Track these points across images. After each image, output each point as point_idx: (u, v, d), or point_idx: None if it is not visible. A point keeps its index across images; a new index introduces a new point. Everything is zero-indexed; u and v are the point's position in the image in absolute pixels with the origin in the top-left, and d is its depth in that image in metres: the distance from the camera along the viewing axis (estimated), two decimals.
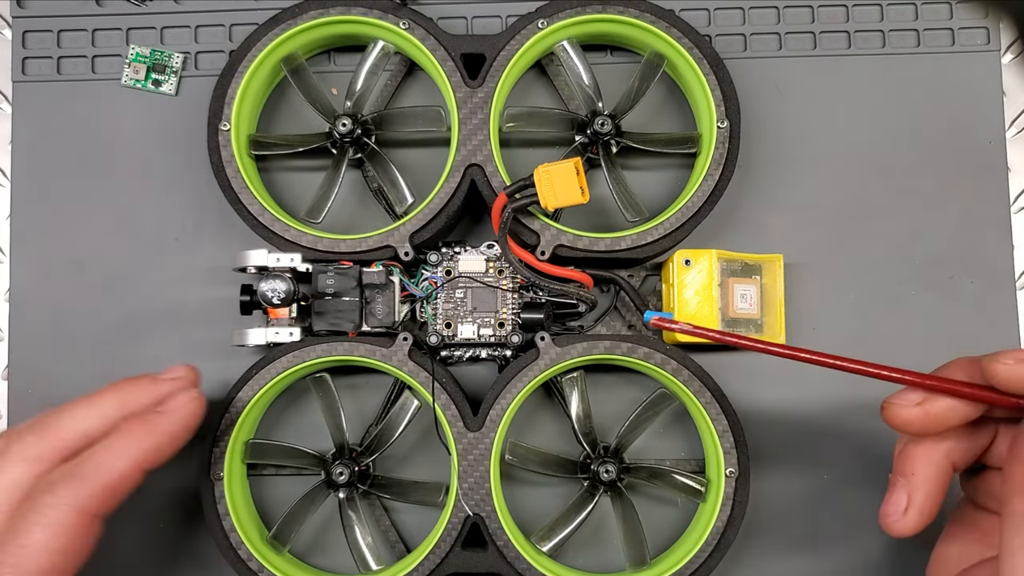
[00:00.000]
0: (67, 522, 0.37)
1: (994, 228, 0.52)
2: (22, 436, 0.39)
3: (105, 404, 0.41)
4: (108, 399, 0.41)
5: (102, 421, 0.40)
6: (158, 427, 0.40)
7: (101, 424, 0.40)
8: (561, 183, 0.44)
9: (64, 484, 0.37)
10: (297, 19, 0.49)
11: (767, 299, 0.48)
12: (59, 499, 0.37)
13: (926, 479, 0.36)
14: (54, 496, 0.37)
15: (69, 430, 0.40)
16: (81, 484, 0.38)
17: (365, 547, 0.48)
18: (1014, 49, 0.53)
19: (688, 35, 0.48)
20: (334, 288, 0.48)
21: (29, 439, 0.39)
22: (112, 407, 0.41)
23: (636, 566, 0.47)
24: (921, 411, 0.36)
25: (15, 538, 0.36)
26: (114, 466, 0.39)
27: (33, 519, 0.37)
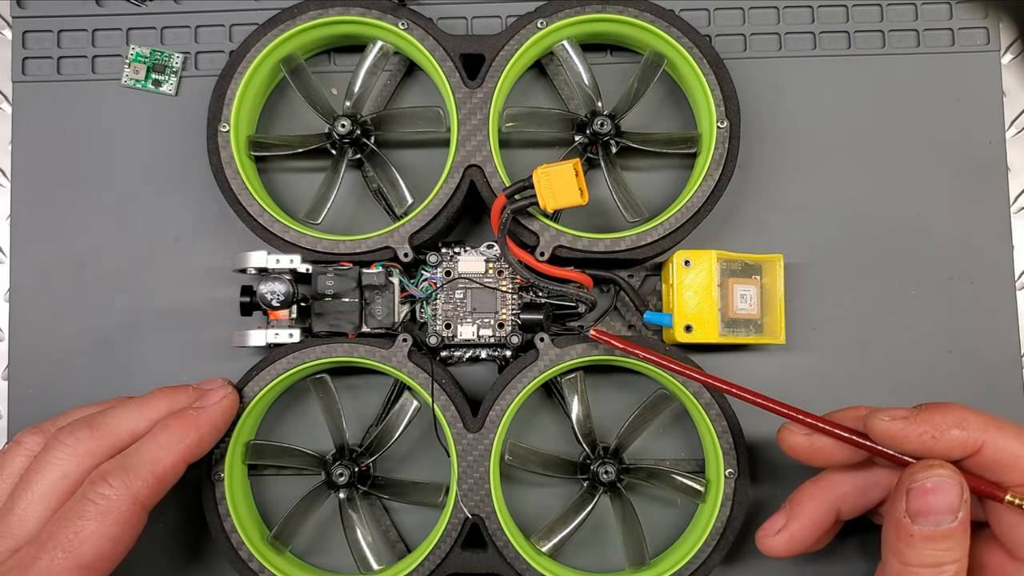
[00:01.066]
0: (121, 510, 0.39)
1: (994, 228, 0.52)
2: (75, 431, 0.41)
3: (152, 407, 0.44)
4: (155, 403, 0.44)
5: (148, 423, 0.43)
6: (199, 421, 0.43)
7: (147, 425, 0.43)
8: (560, 184, 0.44)
9: (117, 474, 0.40)
10: (296, 19, 0.49)
11: (767, 299, 0.48)
12: (113, 489, 0.40)
13: (806, 511, 0.41)
14: (108, 486, 0.40)
15: (119, 428, 0.42)
16: (133, 475, 0.40)
17: (366, 547, 0.48)
18: (1014, 49, 0.53)
19: (688, 35, 0.48)
20: (334, 289, 0.48)
21: (82, 434, 0.41)
22: (157, 411, 0.44)
23: (636, 566, 0.47)
24: (807, 441, 0.40)
25: (69, 525, 0.39)
26: (162, 459, 0.41)
27: (87, 507, 0.39)
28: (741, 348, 0.51)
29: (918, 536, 0.34)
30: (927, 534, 0.34)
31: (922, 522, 0.34)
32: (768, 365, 0.51)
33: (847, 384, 0.51)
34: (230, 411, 0.45)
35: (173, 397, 0.44)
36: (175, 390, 0.45)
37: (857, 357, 0.51)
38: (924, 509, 0.34)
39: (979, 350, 0.51)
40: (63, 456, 0.41)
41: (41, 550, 0.38)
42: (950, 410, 0.36)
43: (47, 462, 0.41)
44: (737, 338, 0.48)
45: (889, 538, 0.35)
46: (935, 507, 0.34)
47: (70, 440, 0.41)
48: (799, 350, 0.51)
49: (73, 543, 0.38)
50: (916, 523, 0.34)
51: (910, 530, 0.34)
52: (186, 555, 0.51)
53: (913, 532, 0.34)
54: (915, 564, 0.34)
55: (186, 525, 0.50)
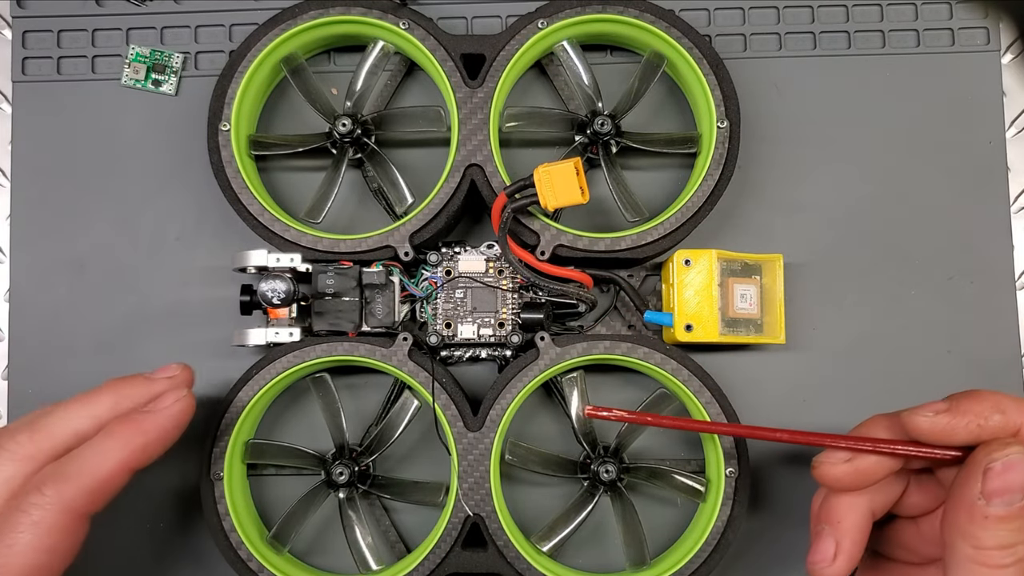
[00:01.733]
0: (54, 521, 0.37)
1: (994, 228, 0.52)
2: (14, 435, 0.39)
3: (98, 404, 0.41)
4: (101, 399, 0.41)
5: (94, 421, 0.40)
6: (144, 426, 0.40)
7: (93, 424, 0.40)
8: (561, 183, 0.44)
9: (50, 483, 0.37)
10: (297, 19, 0.49)
11: (767, 299, 0.48)
12: (46, 498, 0.37)
13: (852, 527, 0.39)
14: (41, 495, 0.37)
15: (61, 430, 0.40)
16: (67, 483, 0.38)
17: (365, 547, 0.48)
18: (1014, 49, 0.53)
19: (688, 35, 0.48)
20: (334, 288, 0.48)
21: (21, 438, 0.39)
22: (104, 407, 0.41)
23: (636, 566, 0.47)
24: (851, 467, 0.38)
25: (3, 537, 0.36)
26: (100, 466, 0.38)
27: (20, 518, 0.37)
28: (741, 348, 0.51)
29: (993, 518, 0.33)
30: (1002, 514, 0.33)
31: (998, 503, 0.33)
32: (768, 365, 0.51)
33: (847, 384, 0.51)
34: (183, 416, 0.41)
35: (120, 392, 0.41)
36: (123, 383, 0.42)
37: (857, 357, 0.51)
38: (1001, 488, 0.33)
39: (979, 350, 0.51)
40: (3, 461, 0.38)
41: None
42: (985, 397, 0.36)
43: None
44: (737, 338, 0.48)
45: (959, 523, 0.34)
46: (1011, 485, 0.33)
47: (10, 445, 0.39)
48: (799, 350, 0.51)
49: (6, 556, 0.36)
50: (992, 504, 0.33)
51: (985, 512, 0.33)
52: (185, 555, 0.50)
53: (988, 514, 0.33)
54: (990, 546, 0.33)
55: (185, 525, 0.50)
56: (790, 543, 0.50)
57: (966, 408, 0.36)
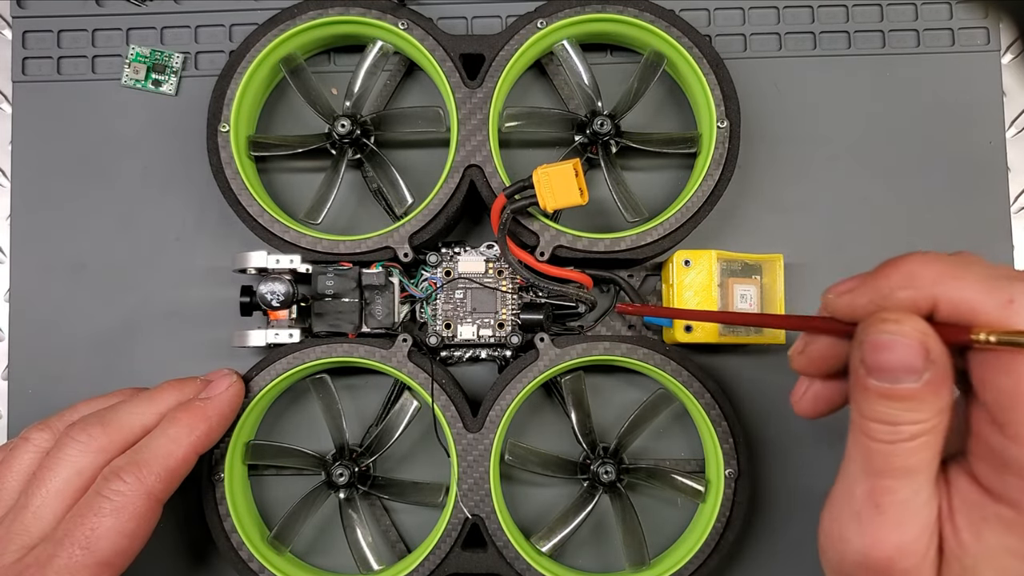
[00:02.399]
0: (136, 506, 0.40)
1: (994, 228, 0.52)
2: (86, 428, 0.42)
3: (161, 401, 0.44)
4: (164, 396, 0.44)
5: (158, 416, 0.43)
6: (207, 412, 0.44)
7: (157, 419, 0.43)
8: (560, 184, 0.44)
9: (131, 470, 0.40)
10: (296, 19, 0.49)
11: (767, 299, 0.48)
12: (127, 485, 0.40)
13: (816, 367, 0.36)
14: (122, 482, 0.40)
15: (132, 424, 0.43)
16: (146, 469, 0.41)
17: (365, 547, 0.48)
18: (1014, 49, 0.53)
19: (688, 35, 0.48)
20: (334, 289, 0.48)
21: (94, 431, 0.42)
22: (168, 404, 0.44)
23: (636, 566, 0.47)
24: (805, 356, 0.36)
25: (85, 522, 0.39)
26: (173, 452, 0.42)
27: (102, 504, 0.39)
28: (741, 348, 0.51)
29: (873, 391, 0.31)
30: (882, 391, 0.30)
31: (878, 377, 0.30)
32: (768, 365, 0.51)
33: None
34: (237, 399, 0.45)
35: (181, 389, 0.45)
36: (183, 383, 0.45)
37: None
38: (878, 366, 0.30)
39: None
40: (76, 452, 0.41)
41: (58, 547, 0.38)
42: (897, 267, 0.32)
43: (60, 459, 0.41)
44: (737, 338, 0.48)
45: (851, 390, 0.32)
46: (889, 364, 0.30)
47: (83, 437, 0.41)
48: None
49: (90, 539, 0.39)
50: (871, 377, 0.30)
51: (865, 382, 0.31)
52: (186, 555, 0.51)
53: (868, 385, 0.31)
54: (870, 418, 0.31)
55: (186, 525, 0.50)
56: (790, 543, 0.50)
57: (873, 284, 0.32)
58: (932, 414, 0.30)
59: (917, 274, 0.31)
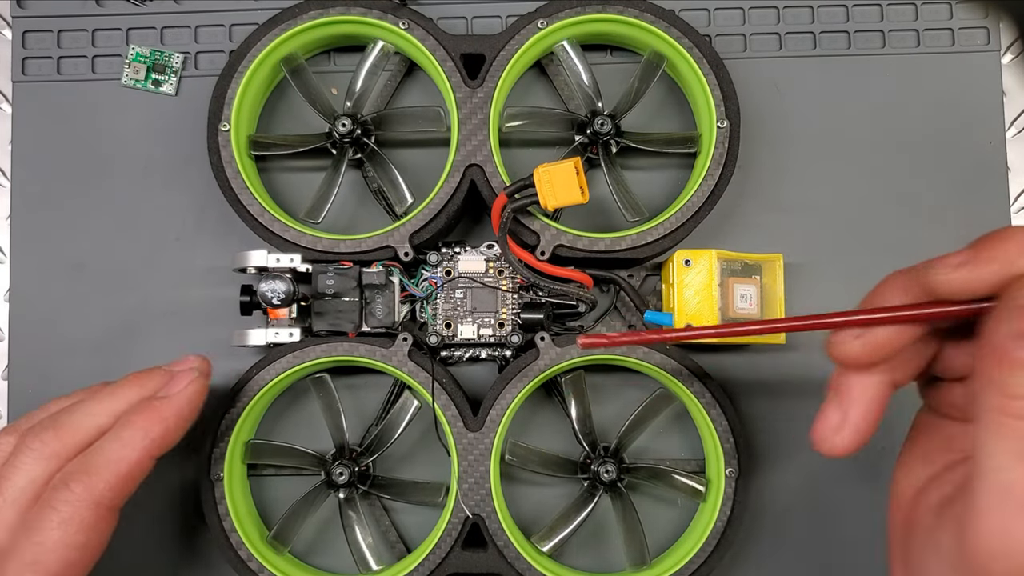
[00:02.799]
0: (83, 516, 0.38)
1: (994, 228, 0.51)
2: (39, 434, 0.40)
3: (119, 399, 0.41)
4: (123, 393, 0.42)
5: (115, 417, 0.41)
6: (163, 412, 0.41)
7: (112, 421, 0.41)
8: (561, 183, 0.44)
9: (78, 479, 0.38)
10: (297, 19, 0.49)
11: (767, 299, 0.48)
12: (74, 494, 0.38)
13: (862, 395, 0.34)
14: (69, 492, 0.38)
15: (87, 426, 0.40)
16: (95, 477, 0.38)
17: (365, 547, 0.48)
18: (1014, 49, 0.53)
19: (688, 35, 0.48)
20: (334, 288, 0.48)
21: (46, 436, 0.40)
22: (126, 401, 0.41)
23: (636, 566, 0.47)
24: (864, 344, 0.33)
25: (33, 535, 0.37)
26: (125, 457, 0.39)
27: (50, 515, 0.37)
28: (741, 348, 0.51)
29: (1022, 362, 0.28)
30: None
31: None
32: (768, 365, 0.51)
33: None
34: (197, 397, 0.42)
35: (143, 384, 0.42)
36: (145, 376, 0.43)
37: None
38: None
39: None
40: (29, 460, 0.39)
41: (7, 562, 0.37)
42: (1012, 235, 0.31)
43: (15, 467, 0.39)
44: (737, 338, 0.48)
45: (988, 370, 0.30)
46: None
47: (35, 444, 0.39)
48: (799, 350, 0.51)
49: (37, 554, 0.37)
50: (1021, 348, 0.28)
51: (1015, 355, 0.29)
52: (185, 555, 0.50)
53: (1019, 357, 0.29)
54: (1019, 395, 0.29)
55: (186, 525, 0.50)
56: (790, 543, 0.50)
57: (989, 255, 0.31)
58: None
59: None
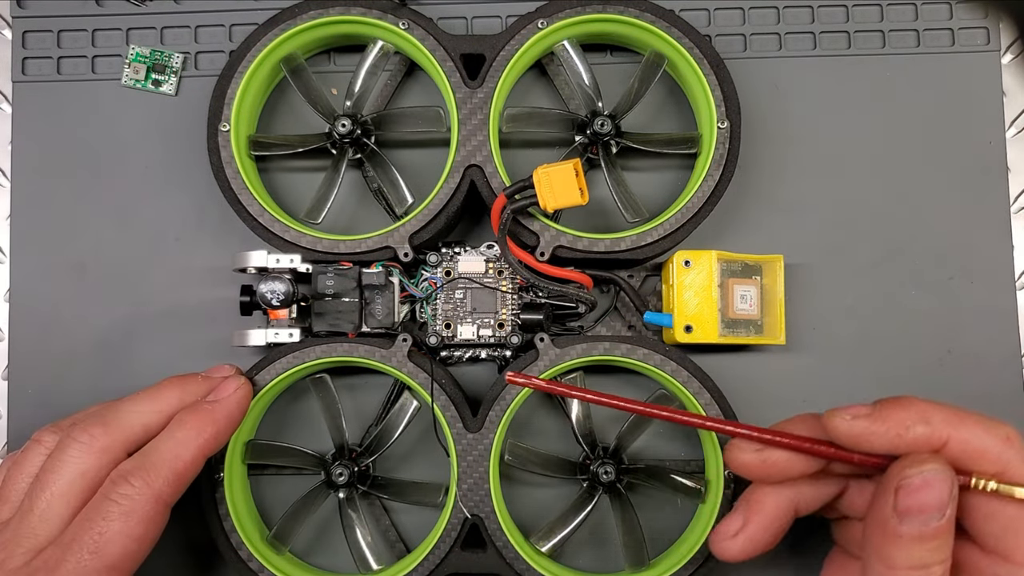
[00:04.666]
0: (144, 509, 0.39)
1: (994, 228, 0.52)
2: (88, 428, 0.41)
3: (164, 399, 0.43)
4: (166, 394, 0.44)
5: (161, 416, 0.43)
6: (215, 415, 0.43)
7: (160, 419, 0.43)
8: (560, 184, 0.44)
9: (139, 474, 0.40)
10: (297, 19, 0.49)
11: (767, 299, 0.48)
12: (135, 488, 0.40)
13: (764, 510, 0.38)
14: (130, 486, 0.40)
15: (133, 423, 0.42)
16: (154, 473, 0.40)
17: (365, 547, 0.48)
18: (1014, 49, 0.53)
19: (688, 35, 0.48)
20: (334, 289, 0.48)
21: (95, 431, 0.41)
22: (170, 402, 0.43)
23: (635, 567, 0.47)
24: (759, 458, 0.37)
25: (94, 526, 0.39)
26: (181, 455, 0.41)
27: (110, 507, 0.39)
28: (741, 348, 0.51)
29: (907, 537, 0.32)
30: (916, 534, 0.32)
31: (910, 521, 0.32)
32: (768, 365, 0.51)
33: (847, 384, 0.51)
34: (245, 401, 0.45)
35: (184, 388, 0.44)
36: (185, 380, 0.45)
37: (857, 357, 0.51)
38: (914, 507, 0.32)
39: (979, 350, 0.51)
40: (78, 454, 0.40)
41: (67, 552, 0.38)
42: (911, 404, 0.34)
43: (63, 460, 0.40)
44: (737, 338, 0.48)
45: (874, 540, 0.33)
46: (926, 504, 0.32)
47: (84, 437, 0.41)
48: (799, 350, 0.51)
49: (99, 544, 0.38)
50: (904, 522, 0.32)
51: (898, 530, 0.32)
52: (185, 555, 0.51)
53: (902, 533, 0.32)
54: (902, 566, 0.32)
55: (186, 525, 0.50)
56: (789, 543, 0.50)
57: (887, 415, 0.34)
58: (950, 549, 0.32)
59: (930, 413, 0.34)
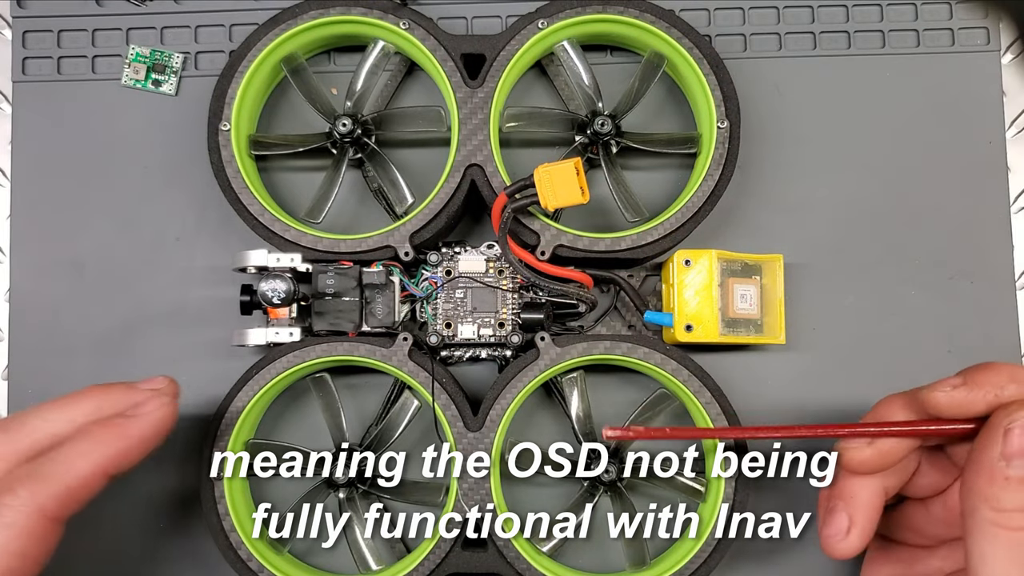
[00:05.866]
0: (26, 524, 0.36)
1: (994, 228, 0.52)
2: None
3: (78, 408, 0.40)
4: (82, 403, 0.40)
5: (72, 426, 0.39)
6: (126, 430, 0.39)
7: (71, 428, 0.39)
8: (561, 183, 0.44)
9: (24, 484, 0.36)
10: (297, 19, 0.49)
11: (767, 299, 0.48)
12: (18, 500, 0.36)
13: (866, 503, 0.39)
14: (14, 496, 0.36)
15: (38, 431, 0.39)
16: (42, 485, 0.36)
17: (365, 547, 0.48)
18: (1014, 49, 0.53)
19: (688, 35, 0.48)
20: (334, 288, 0.48)
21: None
22: (84, 411, 0.40)
23: (636, 566, 0.47)
24: (875, 451, 0.39)
25: None
26: (77, 468, 0.37)
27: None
28: (741, 348, 0.51)
29: (1014, 479, 0.33)
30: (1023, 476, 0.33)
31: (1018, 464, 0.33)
32: (768, 365, 0.51)
33: (847, 384, 0.51)
34: (166, 423, 0.40)
35: (105, 397, 0.40)
36: (107, 389, 0.41)
37: (857, 357, 0.51)
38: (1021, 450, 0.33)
39: (979, 350, 0.51)
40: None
41: None
42: (1000, 368, 0.36)
43: None
44: (737, 338, 0.48)
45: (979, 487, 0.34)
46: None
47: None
48: (799, 350, 0.51)
49: None
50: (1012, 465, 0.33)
51: (1005, 473, 0.33)
52: (185, 555, 0.50)
53: (1009, 475, 0.33)
54: (1011, 508, 0.33)
55: (185, 525, 0.50)
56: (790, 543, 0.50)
57: (982, 380, 0.36)
58: None
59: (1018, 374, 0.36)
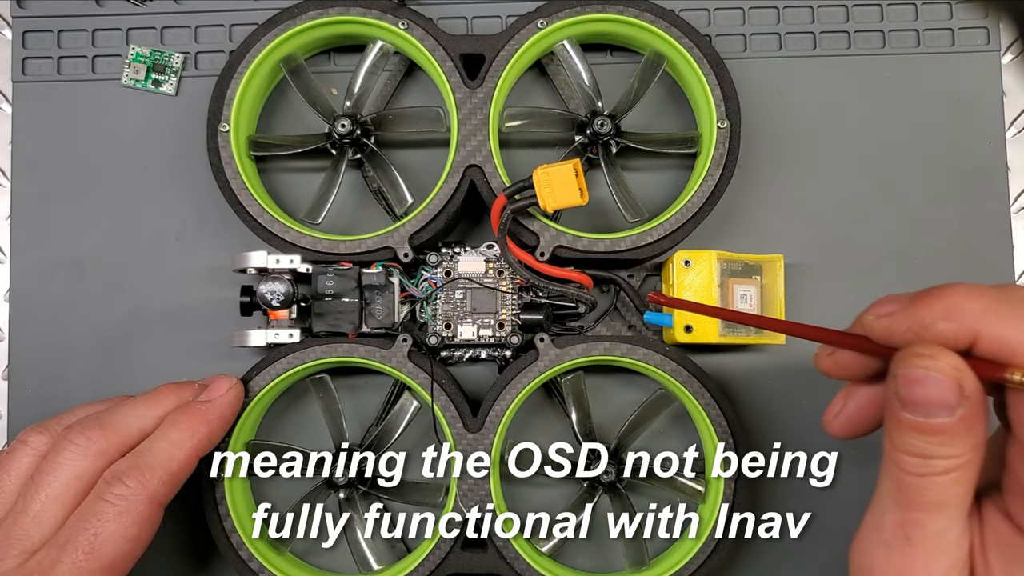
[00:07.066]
0: (139, 510, 0.40)
1: (994, 228, 0.52)
2: (84, 431, 0.41)
3: (161, 404, 0.44)
4: (162, 400, 0.44)
5: (157, 421, 0.43)
6: (207, 415, 0.44)
7: (156, 423, 0.43)
8: (560, 184, 0.44)
9: (132, 475, 0.40)
10: (296, 19, 0.49)
11: (767, 299, 0.48)
12: (130, 489, 0.40)
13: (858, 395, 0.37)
14: (125, 486, 0.40)
15: (130, 427, 0.42)
16: (148, 473, 0.41)
17: (365, 547, 0.48)
18: (1014, 49, 0.53)
19: (688, 35, 0.48)
20: (334, 289, 0.48)
21: (93, 434, 0.41)
22: (166, 407, 0.44)
23: (636, 566, 0.47)
24: (832, 360, 0.37)
25: (88, 527, 0.39)
26: (175, 455, 0.42)
27: (105, 508, 0.39)
28: (741, 348, 0.51)
29: (906, 424, 0.31)
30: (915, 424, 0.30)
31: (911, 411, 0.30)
32: (768, 365, 0.51)
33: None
34: (237, 401, 0.45)
35: (179, 393, 0.45)
36: (181, 386, 0.45)
37: None
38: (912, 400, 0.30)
39: None
40: (75, 456, 0.40)
41: (62, 553, 0.38)
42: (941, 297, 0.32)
43: (58, 462, 0.40)
44: (737, 338, 0.48)
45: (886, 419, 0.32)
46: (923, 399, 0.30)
47: (81, 440, 0.41)
48: (799, 350, 0.51)
49: (94, 545, 0.39)
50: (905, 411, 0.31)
51: (899, 415, 0.31)
52: (186, 555, 0.51)
53: (901, 418, 0.31)
54: (902, 451, 0.31)
55: (186, 525, 0.50)
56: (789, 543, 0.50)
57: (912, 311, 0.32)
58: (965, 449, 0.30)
59: (960, 307, 0.31)
